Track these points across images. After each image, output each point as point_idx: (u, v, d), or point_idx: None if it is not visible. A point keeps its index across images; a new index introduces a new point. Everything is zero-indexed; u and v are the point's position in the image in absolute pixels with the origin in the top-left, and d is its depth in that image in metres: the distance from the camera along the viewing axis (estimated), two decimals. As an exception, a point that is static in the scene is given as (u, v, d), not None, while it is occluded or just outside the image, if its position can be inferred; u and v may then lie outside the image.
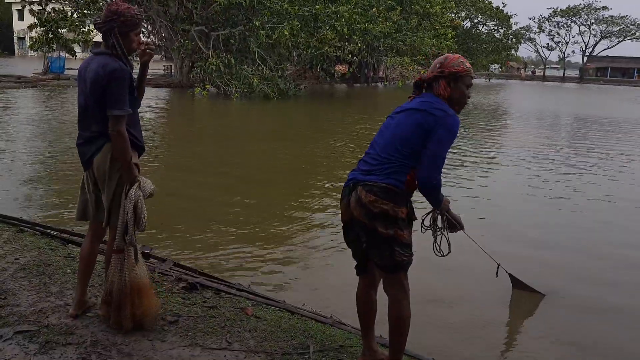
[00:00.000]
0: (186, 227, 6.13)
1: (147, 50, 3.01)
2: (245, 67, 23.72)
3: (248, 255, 5.36)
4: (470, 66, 2.73)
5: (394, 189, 2.58)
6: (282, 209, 7.17)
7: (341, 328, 3.40)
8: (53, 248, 4.32)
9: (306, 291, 4.54)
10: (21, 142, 10.90)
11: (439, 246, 3.04)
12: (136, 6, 3.02)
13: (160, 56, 41.39)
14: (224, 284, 3.97)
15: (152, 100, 21.23)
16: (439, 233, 3.03)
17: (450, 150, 2.65)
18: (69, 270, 3.84)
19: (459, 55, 2.76)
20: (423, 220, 3.03)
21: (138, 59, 3.09)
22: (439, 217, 3.00)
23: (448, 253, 3.05)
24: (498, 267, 4.51)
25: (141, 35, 3.04)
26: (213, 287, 3.85)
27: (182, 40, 24.86)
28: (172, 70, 31.30)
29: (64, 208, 6.48)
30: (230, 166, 9.86)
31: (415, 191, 2.68)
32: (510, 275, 4.72)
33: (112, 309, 2.99)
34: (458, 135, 2.67)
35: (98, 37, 3.08)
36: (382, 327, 2.97)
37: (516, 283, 4.74)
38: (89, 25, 25.30)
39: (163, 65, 35.96)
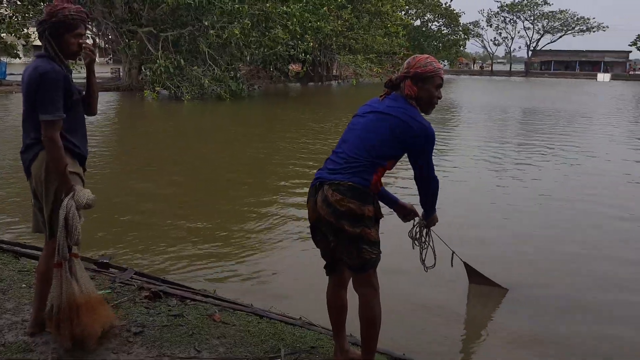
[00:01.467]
0: (145, 234, 5.97)
1: (86, 52, 2.86)
2: (196, 68, 23.37)
3: (211, 260, 5.25)
4: (440, 66, 2.75)
5: (360, 188, 2.57)
6: (243, 212, 7.08)
7: (311, 329, 3.37)
8: (5, 262, 4.12)
9: (273, 294, 4.47)
10: (-37, 152, 10.39)
11: (425, 259, 3.28)
12: (79, 6, 2.81)
13: (107, 59, 40.33)
14: (188, 291, 3.87)
15: (100, 105, 20.63)
16: (425, 246, 3.23)
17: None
18: (23, 285, 3.67)
19: (427, 55, 2.79)
20: (413, 235, 3.25)
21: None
22: (424, 231, 3.20)
23: (434, 265, 3.30)
24: (452, 255, 4.35)
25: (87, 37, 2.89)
26: (177, 294, 3.75)
27: (128, 42, 24.27)
28: (121, 73, 30.51)
29: (13, 220, 6.20)
30: (186, 170, 9.67)
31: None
32: (465, 264, 4.63)
33: (53, 326, 2.84)
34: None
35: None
36: (353, 326, 2.96)
37: (472, 274, 4.67)
38: (28, 28, 24.43)
39: (111, 68, 35.06)
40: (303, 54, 27.73)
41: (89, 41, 2.97)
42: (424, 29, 61.92)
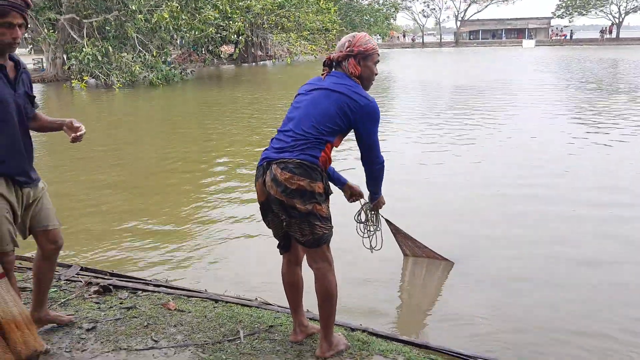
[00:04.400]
0: (87, 228, 5.79)
1: (76, 138, 2.72)
2: (125, 54, 22.54)
3: (159, 249, 5.16)
4: (376, 44, 2.82)
5: (309, 165, 2.59)
6: (187, 198, 6.97)
7: (268, 309, 3.39)
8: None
9: (226, 277, 4.45)
10: None
11: (371, 241, 3.43)
12: None
13: (27, 50, 38.23)
14: (139, 282, 3.80)
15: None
16: (373, 230, 3.32)
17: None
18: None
19: (365, 33, 2.84)
20: (359, 218, 3.35)
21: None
22: (372, 214, 3.32)
23: (380, 247, 3.43)
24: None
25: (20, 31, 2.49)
26: (128, 286, 3.67)
27: (47, 31, 23.08)
28: (44, 64, 29.02)
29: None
30: (123, 160, 9.40)
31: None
32: (388, 221, 4.41)
33: None
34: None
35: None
36: (310, 302, 3.00)
37: (401, 237, 4.63)
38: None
39: (33, 59, 33.22)
40: (235, 35, 27.21)
41: (83, 129, 2.74)
42: (354, 3, 61.97)
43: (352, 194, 3.24)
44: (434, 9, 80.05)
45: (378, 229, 3.44)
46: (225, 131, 11.88)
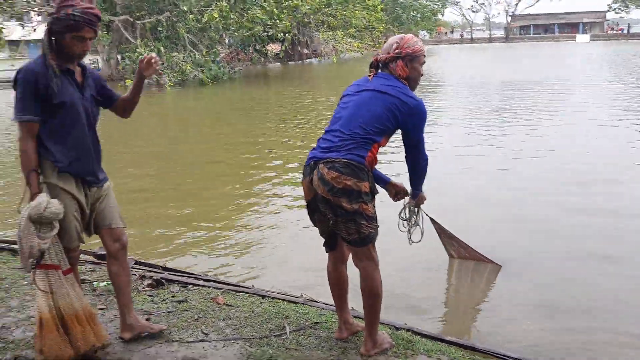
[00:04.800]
0: (141, 223, 5.99)
1: (154, 65, 2.73)
2: (177, 54, 23.13)
3: (209, 246, 5.31)
4: (423, 45, 2.87)
5: (356, 165, 2.62)
6: (236, 195, 7.12)
7: (314, 305, 3.44)
8: (4, 261, 4.14)
9: (272, 274, 4.54)
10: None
11: (412, 235, 3.56)
12: (90, 6, 2.56)
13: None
14: (190, 277, 3.93)
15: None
16: (413, 224, 3.45)
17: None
18: (25, 283, 3.70)
19: (411, 35, 2.90)
20: (403, 216, 3.45)
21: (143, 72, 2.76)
22: (415, 210, 3.41)
23: (420, 240, 3.59)
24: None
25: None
26: (179, 280, 3.81)
27: (102, 32, 23.90)
28: (99, 64, 30.08)
29: (10, 217, 6.19)
30: (173, 159, 9.67)
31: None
32: (432, 220, 4.34)
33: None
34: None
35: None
36: (355, 300, 3.03)
37: (442, 232, 4.56)
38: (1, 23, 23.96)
39: (89, 59, 34.42)
40: (282, 34, 27.49)
41: (152, 54, 2.76)
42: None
43: (397, 192, 3.24)
44: (483, 3, 78.42)
45: (417, 223, 3.49)
46: (273, 129, 12.03)
